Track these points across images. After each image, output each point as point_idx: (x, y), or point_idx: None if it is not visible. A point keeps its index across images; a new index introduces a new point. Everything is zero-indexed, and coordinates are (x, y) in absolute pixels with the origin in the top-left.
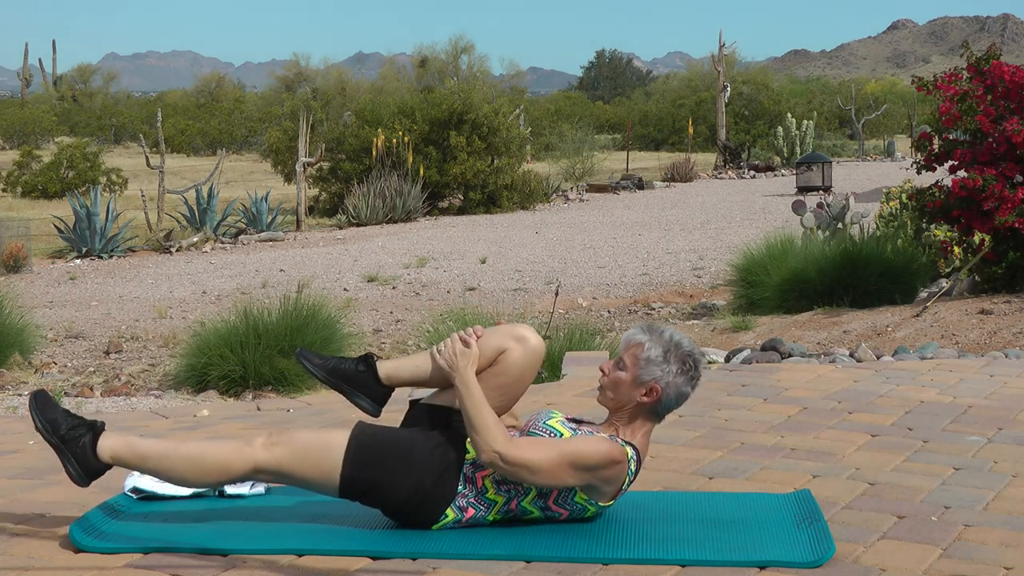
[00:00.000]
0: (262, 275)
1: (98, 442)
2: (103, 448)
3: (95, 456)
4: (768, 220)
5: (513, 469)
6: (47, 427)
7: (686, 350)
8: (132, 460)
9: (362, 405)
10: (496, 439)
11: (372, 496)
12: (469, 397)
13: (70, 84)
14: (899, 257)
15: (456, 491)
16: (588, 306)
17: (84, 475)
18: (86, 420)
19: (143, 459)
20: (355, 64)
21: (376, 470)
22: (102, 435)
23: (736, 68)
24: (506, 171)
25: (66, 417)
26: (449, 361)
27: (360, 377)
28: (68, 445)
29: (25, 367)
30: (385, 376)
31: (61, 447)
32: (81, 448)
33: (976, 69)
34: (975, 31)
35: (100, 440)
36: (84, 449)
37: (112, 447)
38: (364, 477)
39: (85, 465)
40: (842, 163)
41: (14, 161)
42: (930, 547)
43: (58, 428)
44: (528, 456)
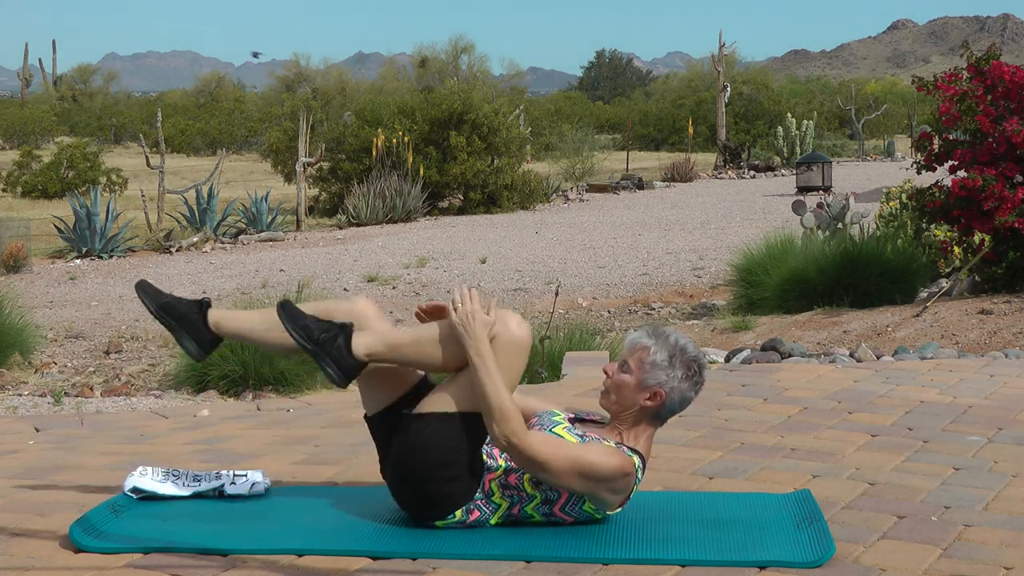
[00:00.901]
0: (262, 275)
1: (352, 341)
2: (357, 346)
3: (351, 355)
4: (768, 220)
5: (524, 459)
6: (301, 334)
7: (691, 355)
8: (386, 353)
9: (187, 347)
10: (514, 429)
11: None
12: (487, 372)
13: (70, 84)
14: (899, 257)
15: (474, 496)
16: (588, 306)
17: (343, 375)
18: (335, 322)
19: (396, 348)
20: (355, 64)
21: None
22: (354, 333)
23: (736, 68)
24: (506, 171)
25: (316, 322)
26: (464, 322)
27: (191, 319)
28: (324, 348)
29: (25, 367)
30: (214, 323)
31: (318, 351)
32: (337, 349)
33: (976, 69)
34: (975, 31)
35: (353, 338)
36: (340, 350)
37: (366, 343)
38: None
39: (342, 365)
40: (842, 163)
41: (14, 161)
42: (930, 547)
43: (311, 333)
44: (541, 451)
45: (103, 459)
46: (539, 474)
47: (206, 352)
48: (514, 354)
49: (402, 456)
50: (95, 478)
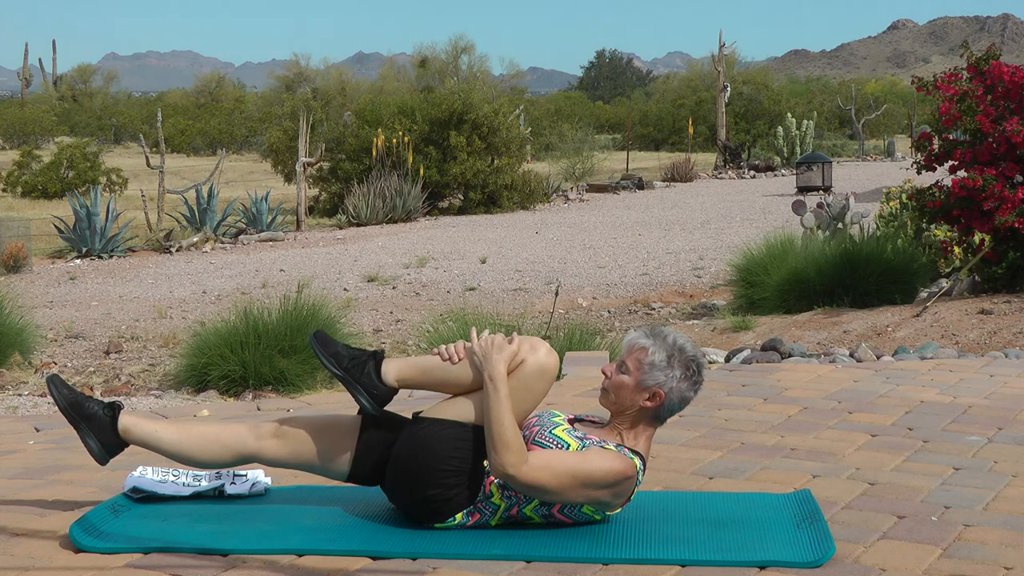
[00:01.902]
0: (262, 275)
1: (382, 367)
2: (387, 372)
3: (381, 380)
4: (768, 220)
5: (522, 487)
6: (331, 361)
7: (690, 355)
8: (417, 377)
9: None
10: (513, 461)
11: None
12: (497, 398)
13: (70, 84)
14: (899, 257)
15: (476, 500)
16: (588, 306)
17: (375, 402)
18: (366, 350)
19: (426, 372)
20: (355, 64)
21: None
22: (384, 361)
23: (736, 68)
24: (506, 171)
25: (347, 349)
26: (484, 351)
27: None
28: (353, 374)
29: (25, 367)
30: (122, 428)
31: (348, 379)
32: (367, 376)
33: (976, 69)
34: (975, 31)
35: (384, 364)
36: (369, 376)
37: (396, 368)
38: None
39: (373, 391)
40: (842, 163)
41: (14, 161)
42: (930, 547)
43: (341, 360)
44: (540, 478)
45: None
46: (544, 497)
47: (110, 456)
48: (539, 379)
49: (410, 457)
50: (95, 478)
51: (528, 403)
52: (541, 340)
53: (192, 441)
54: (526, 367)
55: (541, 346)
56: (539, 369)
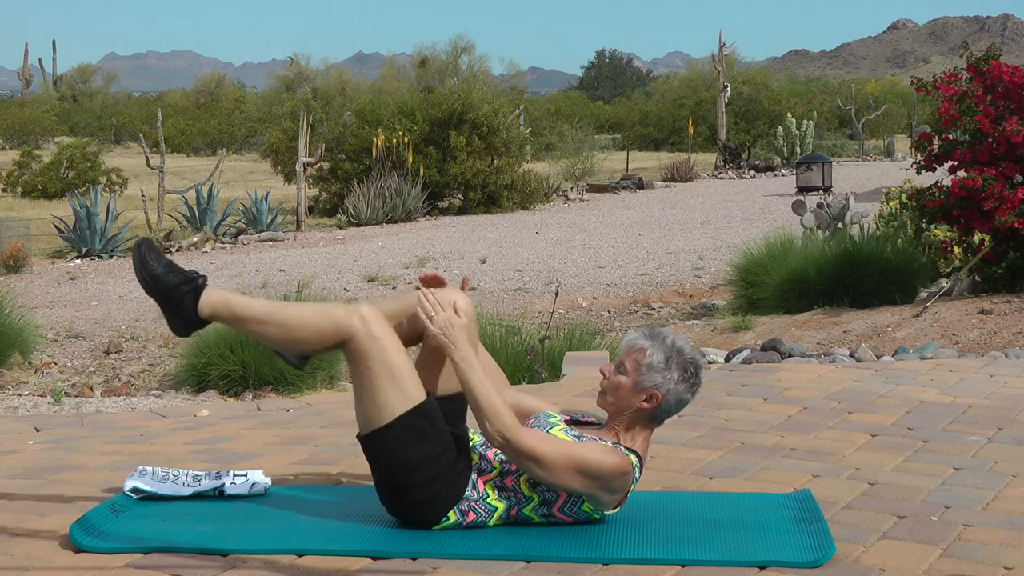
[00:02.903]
0: (262, 275)
1: (200, 298)
2: (204, 304)
3: (195, 311)
4: (768, 220)
5: (520, 456)
6: (149, 281)
7: (688, 357)
8: (228, 318)
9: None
10: (506, 424)
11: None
12: (473, 374)
13: (70, 84)
14: (899, 257)
15: (462, 496)
16: (588, 306)
17: (184, 327)
18: (187, 275)
19: (240, 320)
20: (355, 64)
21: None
22: (204, 291)
23: (736, 68)
24: (506, 171)
25: (168, 273)
26: (445, 331)
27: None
28: (169, 298)
29: (25, 367)
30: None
31: (162, 300)
32: (183, 306)
33: (976, 69)
34: (975, 31)
35: (202, 296)
36: (186, 307)
37: (212, 304)
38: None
39: (184, 319)
40: (842, 163)
41: (14, 161)
42: (930, 547)
43: (160, 283)
44: (537, 447)
45: (103, 459)
46: (535, 471)
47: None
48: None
49: (376, 475)
50: (95, 478)
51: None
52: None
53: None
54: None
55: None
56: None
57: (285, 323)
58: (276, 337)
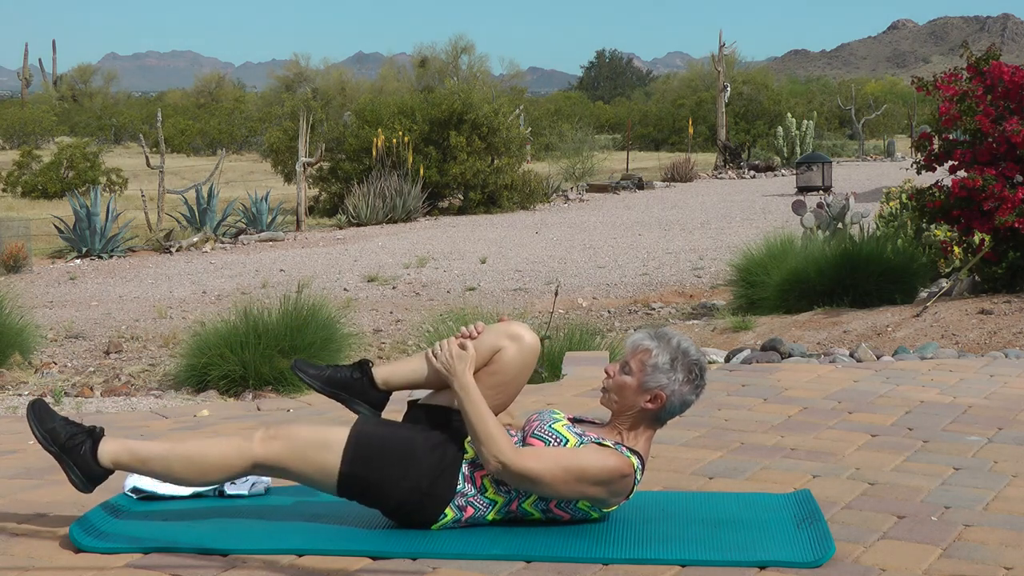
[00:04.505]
0: (262, 275)
1: (98, 448)
2: (103, 453)
3: (96, 462)
4: (768, 220)
5: (517, 477)
6: (46, 437)
7: (693, 358)
8: (133, 464)
9: (361, 412)
10: (501, 448)
11: (370, 495)
12: (469, 402)
13: (70, 84)
14: (899, 257)
15: (455, 491)
16: (588, 306)
17: (87, 481)
18: (84, 427)
19: (143, 462)
20: (355, 64)
21: (374, 469)
22: (102, 440)
23: (736, 68)
24: (506, 171)
25: (65, 426)
26: (446, 364)
27: (356, 384)
28: (69, 454)
29: (25, 367)
30: (382, 381)
31: (62, 456)
32: (83, 456)
33: (976, 69)
34: (975, 31)
35: (100, 446)
36: (85, 456)
37: (112, 452)
38: (362, 475)
39: (87, 472)
40: (842, 163)
41: (14, 161)
42: (930, 547)
43: (57, 437)
44: (533, 467)
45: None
46: (536, 490)
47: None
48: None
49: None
50: None
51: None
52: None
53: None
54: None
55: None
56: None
57: (189, 458)
58: (182, 472)
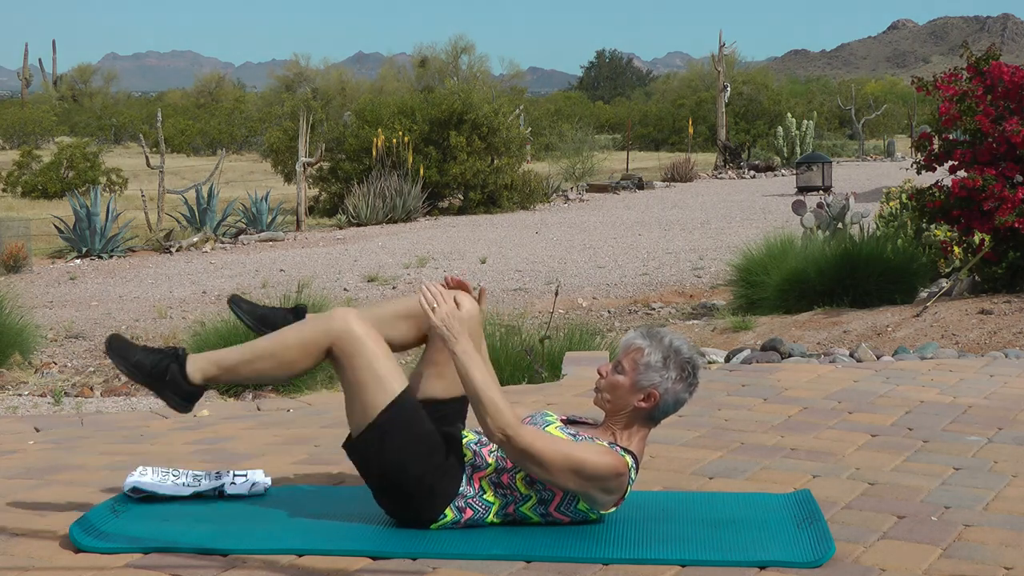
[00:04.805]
0: (262, 275)
1: (186, 367)
2: (192, 371)
3: (187, 381)
4: (768, 220)
5: (519, 454)
6: (133, 370)
7: (685, 356)
8: (222, 375)
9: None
10: (507, 421)
11: (374, 465)
12: (473, 368)
13: (70, 84)
14: (899, 257)
15: (458, 491)
16: (588, 306)
17: (184, 402)
18: (166, 350)
19: (231, 371)
20: (355, 64)
21: (397, 442)
22: (187, 359)
23: (736, 68)
24: (506, 171)
25: (147, 355)
26: (448, 325)
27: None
28: (159, 380)
29: (25, 367)
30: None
31: (152, 384)
32: (172, 379)
33: (976, 69)
34: (975, 31)
35: (187, 365)
36: (175, 379)
37: (200, 368)
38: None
39: (181, 393)
40: (842, 163)
41: (14, 161)
42: (930, 547)
43: (143, 367)
44: (535, 445)
45: (103, 459)
46: (533, 469)
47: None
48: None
49: (367, 480)
50: (95, 478)
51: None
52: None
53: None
54: None
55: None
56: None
57: (271, 352)
58: (269, 370)
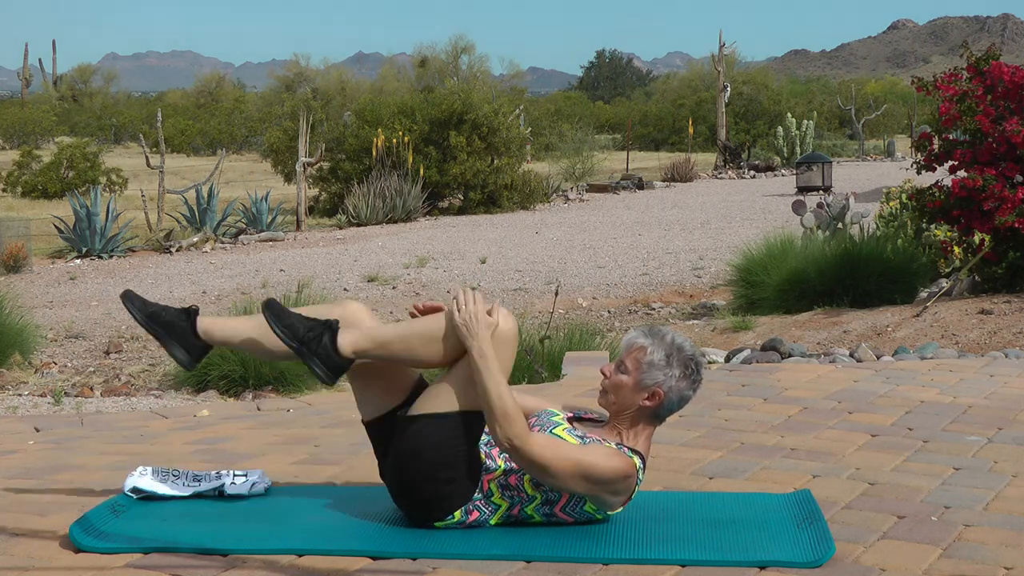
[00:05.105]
0: (262, 275)
1: (337, 339)
2: (344, 343)
3: (337, 353)
4: (768, 220)
5: (526, 462)
6: (286, 332)
7: (688, 354)
8: (374, 350)
9: (177, 356)
10: (516, 431)
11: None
12: (488, 372)
13: (70, 84)
14: (899, 257)
15: (472, 496)
16: (588, 306)
17: (331, 373)
18: (320, 320)
19: (384, 346)
20: (355, 64)
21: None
22: (340, 331)
23: (736, 68)
24: (506, 171)
25: (301, 320)
26: (468, 324)
27: (178, 328)
28: (309, 347)
29: (25, 367)
30: (203, 331)
31: (303, 350)
32: (323, 348)
33: (976, 69)
34: (975, 31)
35: (339, 336)
36: (326, 348)
37: (352, 340)
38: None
39: (330, 363)
40: (842, 163)
41: (14, 161)
42: (930, 547)
43: (296, 332)
44: (543, 455)
45: (103, 459)
46: (541, 477)
47: (196, 360)
48: (506, 347)
49: (400, 459)
50: (95, 478)
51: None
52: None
53: (271, 333)
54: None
55: (500, 313)
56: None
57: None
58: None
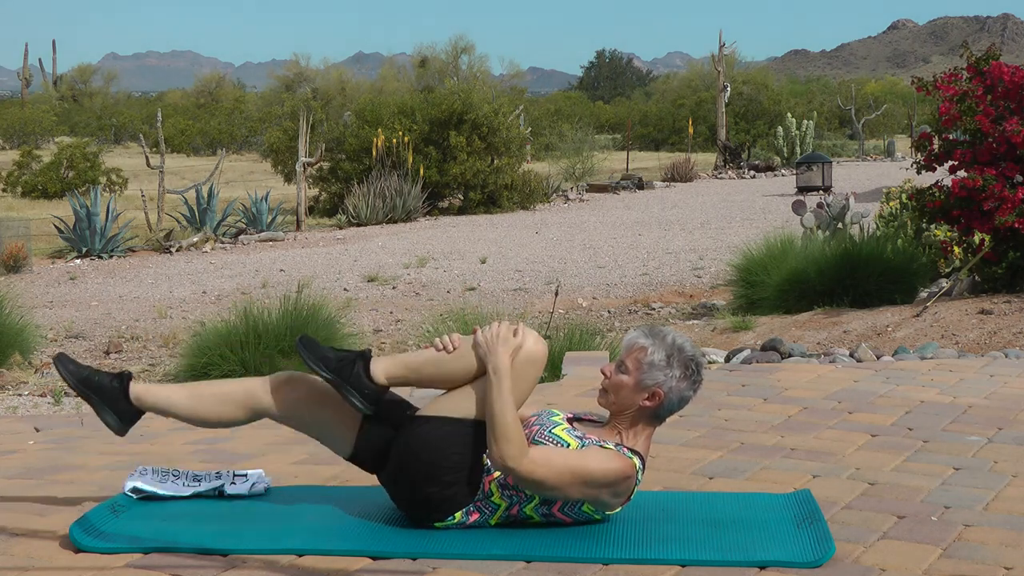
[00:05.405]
0: (262, 275)
1: (370, 367)
2: (376, 371)
3: (370, 379)
4: (768, 220)
5: (521, 479)
6: (319, 363)
7: (688, 354)
8: (408, 376)
9: (107, 420)
10: (512, 453)
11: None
12: (499, 390)
13: (70, 84)
14: (899, 257)
15: (474, 498)
16: (588, 306)
17: (368, 403)
18: (354, 351)
19: (416, 371)
20: (355, 64)
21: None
22: (372, 360)
23: (736, 68)
24: (506, 171)
25: (334, 352)
26: (489, 342)
27: (111, 392)
28: (342, 375)
29: (25, 367)
30: (135, 397)
31: (336, 379)
32: (356, 375)
33: (976, 69)
34: (975, 31)
35: (372, 364)
36: (359, 375)
37: (384, 368)
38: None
39: (362, 390)
40: (842, 163)
41: (14, 161)
42: (930, 547)
43: (329, 362)
44: (538, 472)
45: (103, 459)
46: (538, 491)
47: (128, 425)
48: (530, 367)
49: (404, 456)
50: (95, 478)
51: (523, 392)
52: (530, 330)
53: (204, 403)
54: (517, 356)
55: (530, 335)
56: (530, 358)
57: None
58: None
